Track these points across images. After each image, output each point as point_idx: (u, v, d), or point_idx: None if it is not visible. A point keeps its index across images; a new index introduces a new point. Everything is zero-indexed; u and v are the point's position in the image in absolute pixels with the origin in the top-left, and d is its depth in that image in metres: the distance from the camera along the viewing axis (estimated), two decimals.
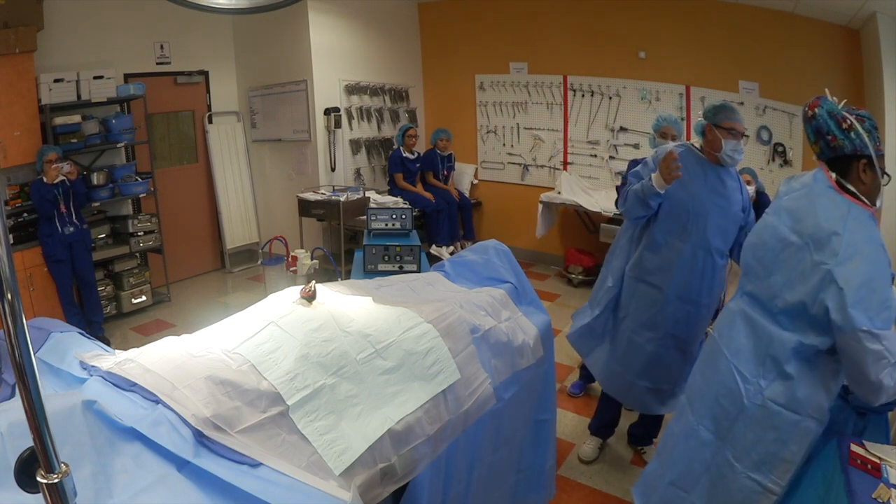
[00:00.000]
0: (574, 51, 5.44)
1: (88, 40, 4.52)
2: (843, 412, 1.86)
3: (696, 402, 1.83)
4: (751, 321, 1.74)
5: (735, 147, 2.27)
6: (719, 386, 1.76)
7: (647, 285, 2.44)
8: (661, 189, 2.24)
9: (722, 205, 2.31)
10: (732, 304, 1.84)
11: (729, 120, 2.27)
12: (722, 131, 2.27)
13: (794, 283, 1.61)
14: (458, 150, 6.10)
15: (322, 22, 5.24)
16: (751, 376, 1.68)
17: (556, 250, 5.91)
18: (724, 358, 1.76)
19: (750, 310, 1.75)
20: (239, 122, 5.87)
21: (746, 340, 1.73)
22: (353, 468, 1.36)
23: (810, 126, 1.68)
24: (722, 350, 1.78)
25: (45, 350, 1.50)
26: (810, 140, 1.70)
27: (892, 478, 1.46)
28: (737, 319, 1.78)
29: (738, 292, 1.85)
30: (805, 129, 1.72)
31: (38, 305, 3.93)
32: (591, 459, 2.82)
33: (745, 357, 1.71)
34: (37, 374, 0.69)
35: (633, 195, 2.34)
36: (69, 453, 1.06)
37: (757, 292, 1.75)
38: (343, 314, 1.68)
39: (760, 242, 1.76)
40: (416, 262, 2.91)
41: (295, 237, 5.18)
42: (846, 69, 4.20)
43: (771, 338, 1.67)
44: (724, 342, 1.79)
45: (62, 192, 3.87)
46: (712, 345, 1.86)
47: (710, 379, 1.81)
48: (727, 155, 2.28)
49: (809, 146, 1.71)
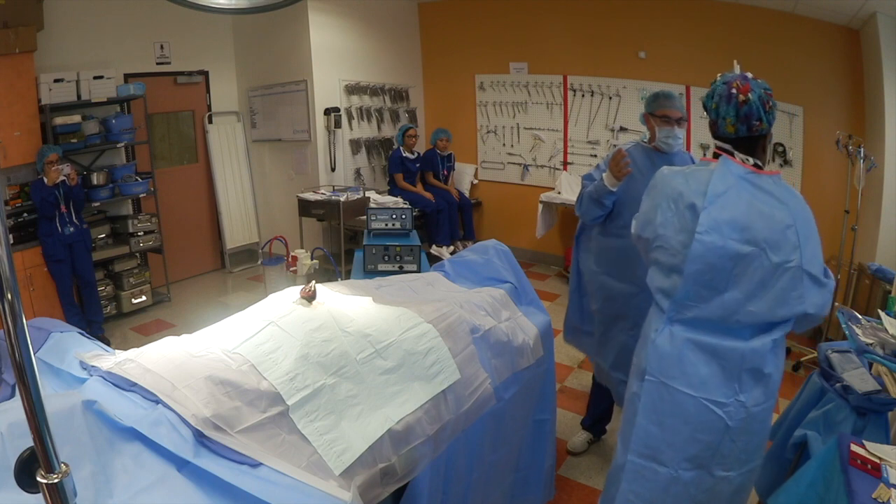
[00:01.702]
0: (574, 51, 5.44)
1: (88, 40, 4.52)
2: (842, 412, 1.86)
3: (664, 454, 1.64)
4: (707, 348, 1.58)
5: (668, 133, 2.31)
6: (690, 426, 1.60)
7: (611, 279, 2.45)
8: (613, 187, 2.27)
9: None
10: (663, 340, 1.61)
11: (662, 107, 2.32)
12: (656, 119, 2.33)
13: (755, 294, 1.52)
14: (458, 150, 6.10)
15: (322, 22, 5.24)
16: (726, 398, 1.57)
17: (556, 250, 5.91)
18: (683, 396, 1.59)
19: (699, 336, 1.58)
20: (239, 122, 5.87)
21: (708, 368, 1.57)
22: (353, 468, 1.36)
23: (738, 111, 1.55)
24: (677, 390, 1.60)
25: (45, 350, 1.50)
26: (727, 122, 1.57)
27: (892, 478, 1.46)
28: (685, 352, 1.59)
29: (664, 326, 1.63)
30: (721, 111, 1.58)
31: (38, 305, 3.93)
32: (578, 451, 2.88)
33: (713, 384, 1.57)
34: (37, 374, 0.69)
35: (587, 197, 2.38)
36: (69, 453, 1.06)
37: (703, 316, 1.58)
38: (343, 314, 1.68)
39: (705, 268, 1.53)
40: (416, 262, 2.91)
41: (295, 237, 5.18)
42: (846, 69, 4.20)
43: (742, 354, 1.55)
44: (677, 381, 1.60)
45: (63, 193, 3.87)
46: (654, 393, 1.63)
47: (671, 426, 1.62)
48: (662, 142, 2.33)
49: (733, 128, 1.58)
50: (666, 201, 1.60)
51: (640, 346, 1.76)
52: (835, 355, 2.07)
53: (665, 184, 1.64)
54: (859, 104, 4.14)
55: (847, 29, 4.16)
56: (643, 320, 2.37)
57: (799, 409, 2.10)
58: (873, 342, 2.03)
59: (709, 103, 1.64)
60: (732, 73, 1.64)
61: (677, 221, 1.57)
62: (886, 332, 2.09)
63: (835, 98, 4.24)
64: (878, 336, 2.07)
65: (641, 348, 1.73)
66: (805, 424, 1.98)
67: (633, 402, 1.71)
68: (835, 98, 4.24)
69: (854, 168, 3.52)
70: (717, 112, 1.60)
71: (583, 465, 2.80)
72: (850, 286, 3.67)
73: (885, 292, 3.02)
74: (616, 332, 2.50)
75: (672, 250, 1.58)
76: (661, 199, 1.62)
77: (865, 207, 3.77)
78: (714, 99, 1.61)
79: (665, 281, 1.63)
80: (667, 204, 1.60)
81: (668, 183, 1.63)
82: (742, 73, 1.61)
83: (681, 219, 1.56)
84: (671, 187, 1.61)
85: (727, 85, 1.58)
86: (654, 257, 1.66)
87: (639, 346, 1.77)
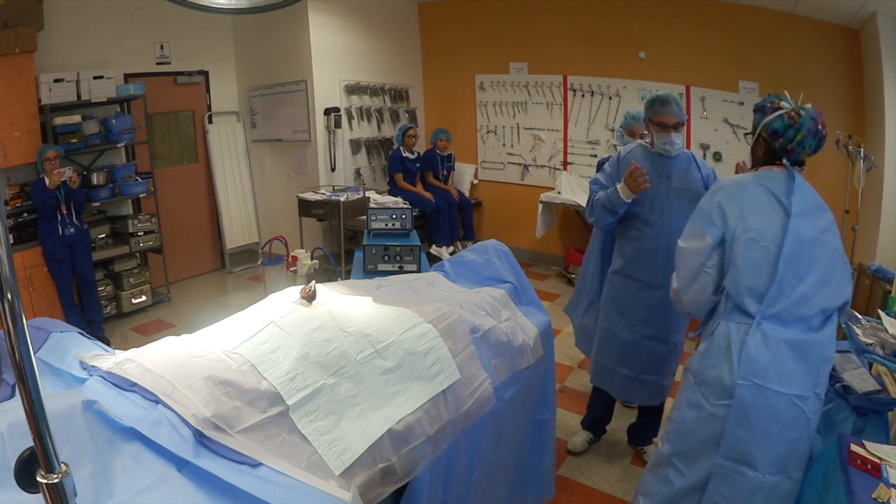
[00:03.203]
0: (574, 51, 5.44)
1: (88, 40, 4.52)
2: (842, 412, 1.86)
3: (754, 457, 1.68)
4: (795, 344, 1.66)
5: (665, 140, 2.38)
6: (779, 425, 1.67)
7: (620, 277, 2.56)
8: (628, 199, 2.35)
9: (679, 187, 2.41)
10: (755, 343, 1.67)
11: (658, 114, 2.38)
12: (653, 126, 2.41)
13: (824, 280, 1.68)
14: (458, 150, 6.10)
15: (322, 22, 5.24)
16: (806, 392, 1.66)
17: (556, 250, 5.91)
18: (776, 395, 1.66)
19: (789, 334, 1.67)
20: (239, 122, 5.87)
21: (795, 364, 1.66)
22: (353, 468, 1.36)
23: (819, 144, 1.74)
24: (771, 390, 1.66)
25: (45, 350, 1.50)
26: (807, 151, 1.75)
27: (892, 478, 1.46)
28: (779, 351, 1.66)
29: (753, 328, 1.69)
30: (806, 143, 1.73)
31: (38, 305, 3.93)
32: (579, 451, 2.88)
33: (798, 380, 1.66)
34: (37, 374, 0.69)
35: (599, 206, 2.44)
36: (69, 453, 1.06)
37: (783, 312, 1.68)
38: (343, 314, 1.68)
39: (797, 249, 1.67)
40: (416, 262, 2.91)
41: (295, 237, 5.18)
42: (846, 69, 4.21)
43: (822, 345, 1.68)
44: (771, 381, 1.66)
45: (64, 195, 3.87)
46: (747, 396, 1.68)
47: (762, 427, 1.68)
48: (660, 148, 2.41)
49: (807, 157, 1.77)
50: (751, 203, 1.75)
51: (706, 363, 1.78)
52: (835, 355, 2.07)
53: (739, 188, 1.79)
54: (859, 104, 4.14)
55: (847, 29, 4.16)
56: (646, 317, 2.49)
57: None
58: (873, 342, 2.03)
59: (789, 133, 1.72)
60: (786, 99, 1.78)
61: (767, 218, 1.72)
62: (886, 332, 2.09)
63: (835, 98, 4.24)
64: (878, 336, 2.07)
65: (718, 366, 1.75)
66: None
67: (711, 423, 1.75)
68: (835, 98, 4.24)
69: (854, 168, 3.52)
70: (801, 143, 1.72)
71: (583, 465, 2.81)
72: None
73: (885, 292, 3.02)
74: (619, 328, 2.56)
75: (766, 243, 1.71)
76: (742, 202, 1.76)
77: (865, 207, 3.77)
78: (801, 131, 1.72)
79: (755, 279, 1.71)
80: (754, 204, 1.74)
81: (743, 188, 1.79)
82: (814, 109, 1.75)
83: (770, 214, 1.72)
84: (747, 192, 1.77)
85: (814, 121, 1.72)
86: (745, 256, 1.73)
87: (704, 363, 1.79)
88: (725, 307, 1.77)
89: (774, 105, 1.77)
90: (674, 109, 2.36)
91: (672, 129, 2.36)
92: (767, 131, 1.76)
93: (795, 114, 1.72)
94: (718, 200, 1.78)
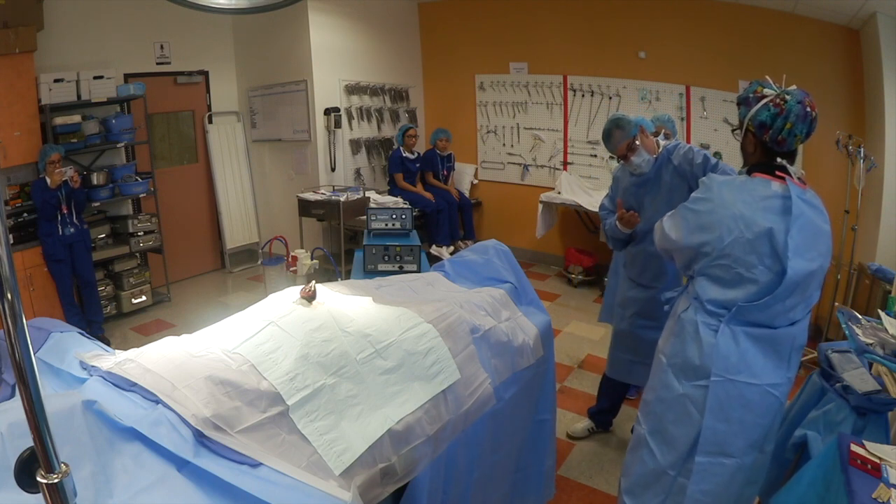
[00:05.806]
0: (574, 51, 5.44)
1: (88, 40, 4.52)
2: (842, 412, 1.86)
3: (731, 446, 1.71)
4: (766, 339, 1.68)
5: (628, 166, 2.49)
6: (753, 413, 1.70)
7: (625, 279, 2.77)
8: (626, 231, 2.53)
9: (664, 191, 2.48)
10: (726, 341, 1.68)
11: (609, 150, 2.55)
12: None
13: (808, 296, 1.71)
14: (458, 150, 6.10)
15: (322, 22, 5.24)
16: (780, 379, 1.70)
17: (556, 250, 5.91)
18: (747, 387, 1.68)
19: (759, 331, 1.67)
20: (239, 122, 5.87)
21: (765, 357, 1.69)
22: (353, 468, 1.36)
23: (810, 128, 1.64)
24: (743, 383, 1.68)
25: (45, 350, 1.50)
26: (798, 139, 1.65)
27: (892, 478, 1.46)
28: (748, 347, 1.68)
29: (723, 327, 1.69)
30: (796, 129, 1.63)
31: (38, 305, 3.93)
32: (578, 436, 3.00)
33: (769, 369, 1.69)
34: (37, 374, 0.69)
35: (608, 234, 2.69)
36: (69, 453, 1.06)
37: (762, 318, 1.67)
38: (343, 314, 1.68)
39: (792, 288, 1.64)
40: (416, 262, 2.91)
41: (295, 237, 5.18)
42: (846, 69, 4.20)
43: (794, 336, 1.70)
44: (742, 375, 1.68)
45: (64, 195, 3.87)
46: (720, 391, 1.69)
47: (738, 418, 1.70)
48: (631, 171, 2.53)
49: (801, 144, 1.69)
50: (731, 221, 1.65)
51: (677, 348, 1.79)
52: (835, 355, 2.07)
53: (723, 201, 1.68)
54: (859, 104, 4.14)
55: (847, 29, 4.16)
56: (639, 310, 2.62)
57: (799, 409, 2.10)
58: (873, 342, 2.03)
59: (777, 122, 1.63)
60: (768, 84, 1.70)
61: (748, 244, 1.63)
62: (886, 332, 2.09)
63: (835, 98, 4.24)
64: (878, 336, 2.07)
65: (687, 350, 1.76)
66: (805, 424, 1.97)
67: (682, 403, 1.77)
68: (835, 98, 4.24)
69: (854, 168, 3.51)
70: (791, 131, 1.63)
71: (583, 465, 2.81)
72: (850, 286, 3.67)
73: (885, 292, 3.02)
74: (618, 320, 2.79)
75: (739, 268, 1.66)
76: (723, 218, 1.67)
77: (865, 207, 3.77)
78: (789, 119, 1.62)
79: (722, 293, 1.69)
80: (733, 224, 1.65)
81: (727, 201, 1.67)
82: (799, 90, 1.65)
83: (753, 241, 1.63)
84: (733, 208, 1.66)
85: (801, 104, 1.61)
86: (713, 272, 1.71)
87: (675, 348, 1.80)
88: (692, 294, 1.79)
89: (759, 94, 1.68)
90: (613, 143, 2.46)
91: (627, 156, 2.46)
92: (755, 125, 1.67)
93: (781, 100, 1.62)
94: (700, 219, 1.72)
